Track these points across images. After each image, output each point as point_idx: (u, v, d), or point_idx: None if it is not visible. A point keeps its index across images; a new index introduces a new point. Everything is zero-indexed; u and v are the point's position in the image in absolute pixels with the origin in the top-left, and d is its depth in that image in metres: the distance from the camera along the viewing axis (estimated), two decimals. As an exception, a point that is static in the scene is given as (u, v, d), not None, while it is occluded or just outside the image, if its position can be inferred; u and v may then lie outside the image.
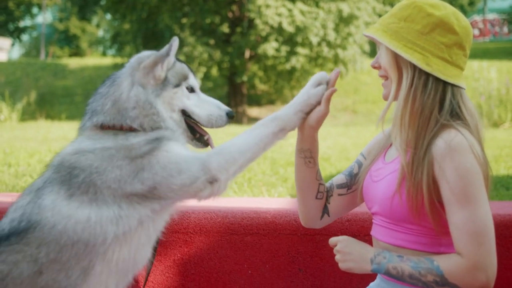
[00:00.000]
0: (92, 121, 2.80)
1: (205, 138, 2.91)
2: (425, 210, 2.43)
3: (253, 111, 20.59)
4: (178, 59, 2.93)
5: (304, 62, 19.35)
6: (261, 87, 21.81)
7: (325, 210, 2.90)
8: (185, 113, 2.86)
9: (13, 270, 2.62)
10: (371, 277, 2.85)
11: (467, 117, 2.46)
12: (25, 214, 2.67)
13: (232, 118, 2.86)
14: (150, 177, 2.62)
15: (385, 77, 2.59)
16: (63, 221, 2.61)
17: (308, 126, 2.74)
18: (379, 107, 20.46)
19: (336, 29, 19.44)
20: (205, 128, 2.93)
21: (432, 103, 2.45)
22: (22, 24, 44.80)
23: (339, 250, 2.55)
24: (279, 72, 20.33)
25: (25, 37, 47.33)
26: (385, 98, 2.61)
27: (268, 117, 2.73)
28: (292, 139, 2.78)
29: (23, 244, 2.63)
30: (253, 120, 19.39)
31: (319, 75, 2.73)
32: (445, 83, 2.46)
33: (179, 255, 3.79)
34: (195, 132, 2.90)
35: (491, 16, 41.69)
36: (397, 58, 2.50)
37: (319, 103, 2.70)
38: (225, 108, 2.87)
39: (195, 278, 3.80)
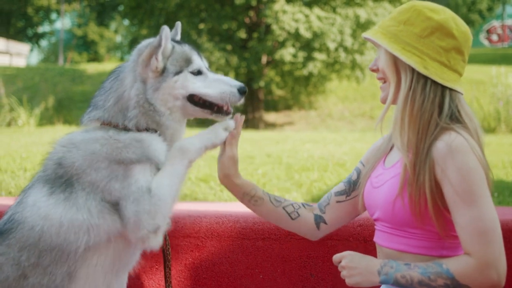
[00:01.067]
0: (91, 115, 2.84)
1: (225, 108, 2.87)
2: (429, 213, 2.43)
3: (270, 117, 20.59)
4: (179, 42, 2.93)
5: (321, 68, 19.31)
6: (278, 92, 21.80)
7: (318, 220, 2.91)
8: (195, 98, 2.83)
9: None
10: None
11: (466, 121, 2.47)
12: (13, 214, 2.73)
13: (245, 93, 2.83)
14: (117, 194, 2.66)
15: (383, 80, 2.61)
16: (40, 222, 2.64)
17: (224, 178, 2.82)
18: (396, 112, 20.36)
19: (353, 35, 19.40)
20: None
21: (431, 107, 2.46)
22: (40, 29, 45.14)
23: (344, 266, 2.54)
24: (296, 77, 20.32)
25: (43, 42, 47.72)
26: (383, 101, 2.62)
27: (177, 150, 2.77)
28: (308, 144, 2.79)
29: (6, 245, 2.67)
30: (270, 125, 19.41)
31: (226, 122, 2.82)
32: (444, 87, 2.47)
33: (190, 259, 3.80)
34: (213, 105, 2.86)
35: (510, 21, 41.52)
36: (395, 61, 2.51)
37: (222, 144, 2.81)
38: (236, 83, 2.84)
39: (206, 282, 3.81)
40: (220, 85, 2.83)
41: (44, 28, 46.09)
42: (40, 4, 40.83)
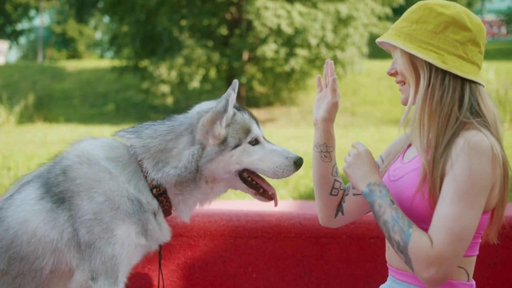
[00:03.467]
0: (129, 136, 2.77)
1: (270, 193, 2.84)
2: None
3: (251, 113, 20.58)
4: (238, 108, 2.83)
5: (303, 64, 19.34)
6: (259, 89, 21.79)
7: (339, 208, 2.89)
8: (246, 172, 2.77)
9: None
10: (376, 280, 2.83)
11: (486, 114, 2.45)
12: (1, 206, 2.68)
13: (301, 165, 2.78)
14: (92, 238, 2.60)
15: (403, 82, 2.58)
16: (17, 226, 2.59)
17: (320, 118, 2.77)
18: (378, 109, 20.45)
19: (335, 31, 19.44)
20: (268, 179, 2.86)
21: (451, 101, 2.43)
22: (19, 27, 44.79)
23: (354, 153, 2.56)
24: (277, 74, 20.35)
25: (22, 40, 47.31)
26: (404, 102, 2.59)
27: None
28: (292, 140, 2.77)
29: None
30: (251, 122, 19.39)
31: None
32: (463, 80, 2.45)
33: (183, 258, 3.77)
34: (259, 186, 2.81)
35: (489, 17, 41.76)
36: (412, 60, 2.49)
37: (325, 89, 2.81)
38: (293, 156, 2.78)
39: (199, 281, 3.78)
40: (275, 158, 2.76)
41: (22, 25, 45.73)
42: (19, 1, 40.54)
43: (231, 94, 2.70)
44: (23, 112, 18.19)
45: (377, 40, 2.61)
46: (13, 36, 43.79)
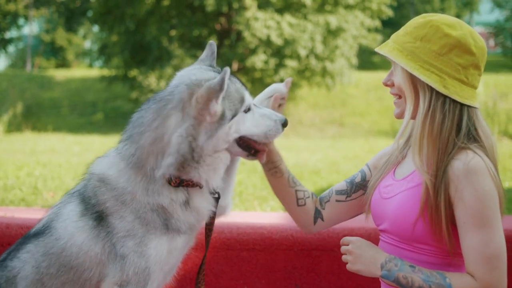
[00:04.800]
0: (126, 148, 2.73)
1: (259, 152, 2.81)
2: (443, 232, 2.42)
3: (240, 124, 20.60)
4: (230, 76, 2.74)
5: (292, 75, 19.37)
6: (249, 99, 21.82)
7: (317, 215, 2.89)
8: (242, 138, 2.75)
9: (21, 270, 2.69)
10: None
11: (483, 139, 2.45)
12: (50, 216, 2.78)
13: (286, 125, 2.77)
14: (126, 251, 2.64)
15: (398, 96, 2.58)
16: (66, 237, 2.68)
17: None
18: (366, 120, 20.49)
19: (324, 42, 19.50)
20: None
21: (451, 126, 2.44)
22: (8, 35, 44.62)
23: (350, 251, 2.52)
24: (267, 84, 20.16)
25: (11, 48, 47.13)
26: (398, 116, 2.60)
27: None
28: (282, 151, 2.78)
29: (34, 245, 2.71)
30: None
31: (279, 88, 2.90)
32: (462, 105, 2.45)
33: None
34: (250, 148, 2.78)
35: (477, 29, 41.94)
36: (413, 79, 2.48)
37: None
38: (279, 117, 2.77)
39: (190, 294, 3.77)
40: (266, 122, 2.75)
41: (11, 33, 45.55)
42: (8, 9, 40.40)
43: (227, 71, 2.61)
44: (11, 120, 18.13)
45: (377, 50, 2.59)
46: (2, 44, 43.62)
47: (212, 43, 2.89)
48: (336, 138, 17.22)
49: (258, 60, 18.82)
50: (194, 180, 2.69)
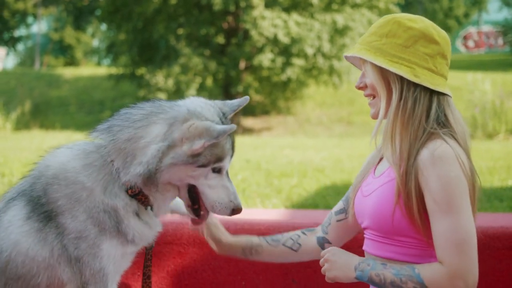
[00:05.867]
0: (102, 136, 2.68)
1: (202, 213, 2.78)
2: (416, 220, 2.44)
3: (248, 122, 20.60)
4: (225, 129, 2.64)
5: (299, 73, 19.38)
6: (256, 97, 21.82)
7: (322, 242, 2.95)
8: (195, 189, 2.71)
9: None
10: (365, 288, 2.85)
11: (453, 125, 2.49)
12: None
13: (235, 214, 2.71)
14: (80, 254, 2.61)
15: (372, 96, 2.61)
16: (10, 248, 2.59)
17: (218, 246, 3.01)
18: (374, 118, 20.43)
19: (331, 40, 19.48)
20: None
21: (421, 113, 2.49)
22: (17, 33, 44.80)
23: (326, 259, 2.57)
24: (274, 83, 20.36)
25: (20, 46, 47.31)
26: (374, 117, 2.63)
27: None
28: (287, 149, 2.80)
29: None
30: (247, 130, 19.40)
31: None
32: (432, 93, 2.50)
33: (172, 266, 3.78)
34: (196, 202, 2.75)
35: (486, 28, 41.88)
36: (384, 74, 2.52)
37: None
38: (236, 203, 2.70)
39: (188, 289, 3.80)
40: (222, 194, 2.68)
41: (20, 32, 45.76)
42: (17, 7, 40.56)
43: (233, 128, 2.57)
44: (19, 118, 18.21)
45: (345, 54, 2.65)
46: (11, 43, 43.79)
47: (247, 99, 2.82)
48: (344, 137, 17.22)
49: (265, 58, 18.82)
50: (149, 199, 2.69)
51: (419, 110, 2.48)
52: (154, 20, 20.17)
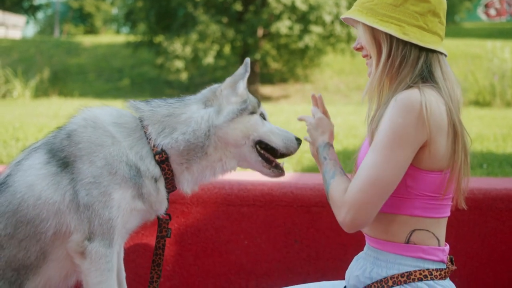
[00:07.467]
0: (139, 105, 2.86)
1: (281, 165, 2.91)
2: None
3: (265, 90, 20.55)
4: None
5: (317, 41, 19.28)
6: (273, 65, 21.75)
7: None
8: (260, 143, 2.85)
9: None
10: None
11: (438, 80, 2.50)
12: (8, 174, 2.75)
13: (300, 145, 2.89)
14: (90, 200, 2.66)
15: (368, 56, 2.66)
16: (23, 190, 2.66)
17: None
18: (392, 86, 20.34)
19: (349, 7, 19.29)
20: None
21: (408, 69, 2.51)
22: (36, 2, 44.85)
23: (319, 118, 2.74)
24: (292, 50, 20.27)
25: (39, 14, 47.34)
26: (370, 75, 2.66)
27: None
28: (306, 115, 2.82)
29: None
30: (265, 98, 19.38)
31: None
32: (421, 50, 2.52)
33: (176, 225, 3.83)
34: (271, 161, 2.87)
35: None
36: (374, 34, 2.58)
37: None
38: (294, 135, 2.91)
39: (191, 248, 3.84)
40: (283, 133, 2.88)
41: (40, 0, 45.82)
42: (36, -24, 40.62)
43: (247, 59, 2.85)
44: (38, 86, 18.28)
45: (341, 17, 2.71)
46: (30, 11, 43.86)
47: (247, 62, 2.96)
48: (361, 105, 17.15)
49: (283, 26, 18.72)
50: (172, 170, 2.80)
51: (406, 67, 2.51)
52: (172, -13, 20.10)
